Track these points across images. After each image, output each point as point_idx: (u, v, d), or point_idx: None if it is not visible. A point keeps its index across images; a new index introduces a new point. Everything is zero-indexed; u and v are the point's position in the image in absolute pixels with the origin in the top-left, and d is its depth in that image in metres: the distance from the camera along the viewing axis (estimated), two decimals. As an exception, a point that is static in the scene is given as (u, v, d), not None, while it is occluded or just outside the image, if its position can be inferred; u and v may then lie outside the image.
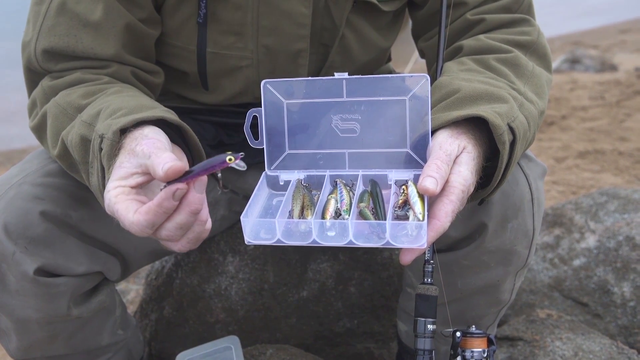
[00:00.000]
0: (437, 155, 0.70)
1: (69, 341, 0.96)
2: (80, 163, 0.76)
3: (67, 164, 0.82)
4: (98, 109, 0.76)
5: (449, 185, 0.70)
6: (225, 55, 0.95)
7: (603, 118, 3.43)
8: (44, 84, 0.86)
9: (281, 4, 0.90)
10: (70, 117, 0.79)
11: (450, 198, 0.69)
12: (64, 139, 0.78)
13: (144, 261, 1.05)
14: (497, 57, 0.87)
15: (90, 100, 0.81)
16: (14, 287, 0.86)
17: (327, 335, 1.32)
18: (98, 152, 0.70)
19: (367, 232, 0.69)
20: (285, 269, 1.29)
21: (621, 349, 1.22)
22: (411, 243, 0.67)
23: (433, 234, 0.68)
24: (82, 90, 0.83)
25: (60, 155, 0.81)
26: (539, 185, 0.94)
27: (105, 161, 0.69)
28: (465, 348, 0.83)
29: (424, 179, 0.68)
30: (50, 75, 0.87)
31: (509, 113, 0.75)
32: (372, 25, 1.01)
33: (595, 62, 4.72)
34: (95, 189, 0.73)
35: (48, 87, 0.86)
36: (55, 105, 0.82)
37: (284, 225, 0.71)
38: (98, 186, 0.71)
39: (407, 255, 0.69)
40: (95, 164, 0.72)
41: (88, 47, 0.86)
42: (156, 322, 1.35)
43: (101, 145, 0.69)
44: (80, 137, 0.75)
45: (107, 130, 0.69)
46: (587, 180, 2.59)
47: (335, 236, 0.69)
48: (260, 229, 0.72)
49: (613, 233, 1.47)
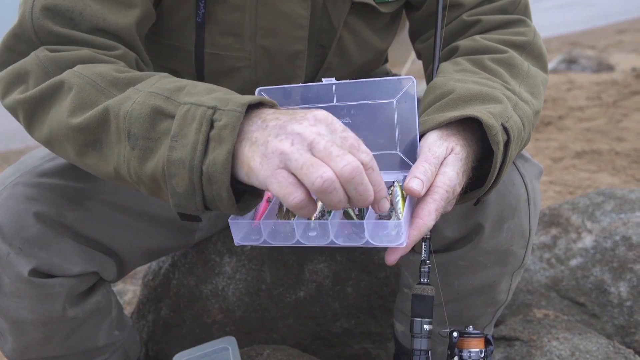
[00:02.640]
0: (425, 157, 0.71)
1: (64, 342, 0.96)
2: (139, 137, 0.66)
3: (91, 138, 0.70)
4: (177, 85, 0.69)
5: (433, 185, 0.71)
6: (223, 56, 0.95)
7: (600, 118, 3.44)
8: (41, 55, 0.75)
9: (279, 5, 0.90)
10: (101, 89, 0.70)
11: (434, 197, 0.70)
12: (109, 110, 0.68)
13: (140, 261, 1.05)
14: (492, 57, 0.87)
15: (132, 76, 0.72)
16: (8, 288, 0.86)
17: (324, 335, 1.32)
18: (207, 124, 0.62)
19: (348, 232, 0.70)
20: (282, 269, 1.29)
21: (618, 349, 1.23)
22: (390, 242, 0.68)
23: (416, 232, 0.69)
24: (112, 67, 0.74)
25: (86, 127, 0.69)
26: (535, 185, 0.94)
27: (227, 132, 0.61)
28: (463, 348, 0.83)
29: (410, 179, 0.68)
30: (47, 47, 0.76)
31: (503, 113, 0.75)
32: (369, 27, 1.01)
33: (592, 62, 4.73)
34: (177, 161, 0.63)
35: (48, 59, 0.74)
36: (78, 76, 0.72)
37: (269, 227, 0.72)
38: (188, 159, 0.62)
39: (391, 255, 0.70)
40: (189, 136, 0.63)
41: (97, 13, 0.76)
42: (153, 323, 1.35)
43: (213, 117, 0.63)
44: (152, 108, 0.66)
45: (226, 104, 0.63)
46: (584, 180, 2.60)
47: (316, 236, 0.70)
48: (248, 231, 0.73)
49: (610, 233, 1.47)
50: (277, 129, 0.62)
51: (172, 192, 0.65)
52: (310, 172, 0.58)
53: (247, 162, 0.62)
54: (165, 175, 0.64)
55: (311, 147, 0.60)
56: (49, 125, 0.73)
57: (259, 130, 0.63)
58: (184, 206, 0.65)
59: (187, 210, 0.66)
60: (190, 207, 0.65)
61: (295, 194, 0.59)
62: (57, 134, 0.73)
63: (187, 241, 1.15)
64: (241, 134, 0.63)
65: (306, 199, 0.60)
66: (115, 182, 0.74)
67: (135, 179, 0.68)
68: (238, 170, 0.63)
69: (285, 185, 0.59)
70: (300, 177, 0.59)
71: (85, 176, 0.90)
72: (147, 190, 0.69)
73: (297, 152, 0.59)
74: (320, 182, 0.58)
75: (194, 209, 0.65)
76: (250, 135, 0.63)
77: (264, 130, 0.62)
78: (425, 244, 0.79)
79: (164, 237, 1.05)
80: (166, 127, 0.65)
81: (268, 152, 0.60)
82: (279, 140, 0.61)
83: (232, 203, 0.64)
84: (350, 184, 0.59)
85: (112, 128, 0.68)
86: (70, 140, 0.71)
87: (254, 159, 0.61)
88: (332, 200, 0.60)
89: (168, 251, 1.13)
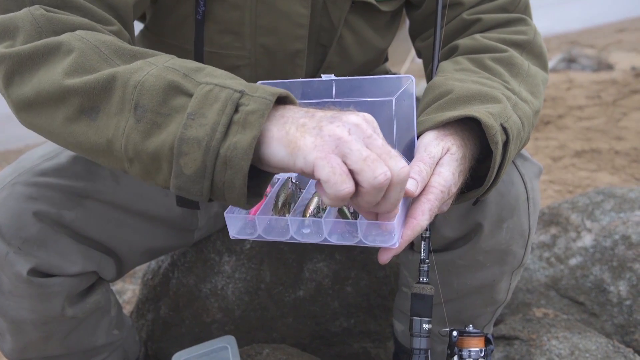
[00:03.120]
0: (420, 157, 0.71)
1: (64, 341, 0.96)
2: (148, 110, 0.62)
3: (88, 104, 0.65)
4: (196, 65, 0.66)
5: (428, 185, 0.70)
6: (222, 55, 0.95)
7: (599, 117, 3.44)
8: (35, 13, 0.69)
9: (279, 4, 0.90)
10: (105, 57, 0.66)
11: (428, 197, 0.70)
12: (117, 77, 0.64)
13: (139, 260, 1.05)
14: (492, 56, 0.87)
15: (138, 50, 0.68)
16: (7, 287, 0.86)
17: (324, 334, 1.32)
18: (232, 107, 0.60)
19: (342, 230, 0.70)
20: (281, 268, 1.29)
21: (617, 348, 1.23)
22: (383, 243, 0.68)
23: (409, 232, 0.69)
24: (114, 38, 0.70)
25: (85, 90, 0.65)
26: (534, 185, 0.94)
27: (255, 117, 0.59)
28: (462, 347, 0.83)
29: None
30: (43, 7, 0.70)
31: (502, 113, 0.75)
32: (370, 26, 1.01)
33: (592, 61, 4.73)
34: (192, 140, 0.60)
35: (44, 18, 0.69)
36: (80, 40, 0.67)
37: (264, 222, 0.72)
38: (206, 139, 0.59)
39: (384, 254, 0.69)
40: (209, 116, 0.60)
41: None
42: (152, 322, 1.35)
43: (240, 100, 0.60)
44: (169, 83, 0.62)
45: (254, 91, 0.61)
46: (584, 180, 2.60)
47: (310, 233, 0.70)
48: (243, 225, 0.73)
49: (609, 232, 1.47)
50: (331, 117, 0.60)
51: (177, 173, 0.61)
52: (375, 167, 0.56)
53: (294, 141, 0.58)
54: (172, 154, 0.60)
55: (367, 142, 0.58)
56: (36, 87, 0.67)
57: (306, 116, 0.60)
58: (187, 189, 0.61)
59: (190, 194, 0.62)
60: (194, 192, 0.61)
61: (347, 184, 0.57)
62: (46, 96, 0.66)
63: (186, 240, 1.15)
64: (282, 116, 0.61)
65: (353, 192, 0.57)
66: (97, 158, 0.68)
67: (132, 155, 0.63)
68: (272, 149, 0.60)
69: (340, 172, 0.56)
70: (361, 169, 0.57)
71: (85, 175, 0.90)
72: (140, 169, 0.64)
73: (356, 143, 0.57)
74: (383, 179, 0.56)
75: (198, 194, 0.61)
76: (295, 119, 0.60)
77: (312, 118, 0.60)
78: (425, 243, 0.79)
79: (163, 236, 1.05)
80: (180, 104, 0.61)
81: (324, 135, 0.58)
82: (335, 125, 0.58)
83: (243, 192, 0.60)
84: (397, 187, 0.59)
85: (116, 97, 0.64)
86: (64, 103, 0.66)
87: (304, 138, 0.58)
88: (376, 197, 0.58)
89: (167, 250, 1.13)
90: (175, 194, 0.63)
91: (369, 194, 0.58)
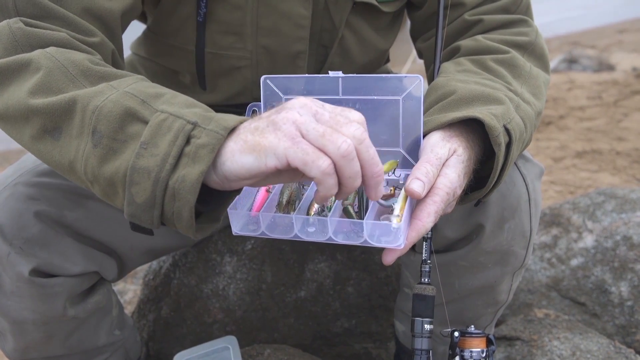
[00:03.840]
0: (427, 158, 0.71)
1: (65, 342, 0.96)
2: (105, 136, 0.63)
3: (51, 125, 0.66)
4: (155, 91, 0.66)
5: (434, 187, 0.70)
6: (223, 56, 0.95)
7: (601, 118, 3.44)
8: (14, 26, 0.70)
9: (280, 5, 0.90)
10: (71, 78, 0.67)
11: (434, 199, 0.69)
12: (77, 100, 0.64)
13: (141, 261, 1.05)
14: (495, 57, 0.87)
15: (106, 71, 0.68)
16: (9, 288, 0.86)
17: (325, 335, 1.32)
18: (184, 139, 0.60)
19: (347, 230, 0.70)
20: (282, 269, 1.29)
21: (619, 349, 1.22)
22: (389, 243, 0.68)
23: (414, 234, 0.69)
24: (86, 57, 0.70)
25: (48, 111, 0.65)
26: (536, 185, 0.94)
27: (205, 152, 0.59)
28: (464, 348, 0.83)
29: (412, 181, 0.68)
30: (22, 19, 0.71)
31: (505, 114, 0.75)
32: (371, 27, 1.01)
33: (593, 62, 4.73)
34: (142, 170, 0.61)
35: (21, 31, 0.70)
36: (50, 58, 0.68)
37: (268, 219, 0.72)
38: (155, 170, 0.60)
39: (389, 255, 0.69)
40: (161, 146, 0.60)
41: None
42: (154, 323, 1.35)
43: (192, 132, 0.60)
44: (125, 110, 0.63)
45: (208, 123, 0.61)
46: (585, 180, 2.59)
47: (315, 232, 0.70)
48: (247, 221, 0.73)
49: (610, 233, 1.47)
50: (275, 110, 0.60)
51: (129, 201, 0.62)
52: (335, 138, 0.57)
53: (256, 144, 0.58)
54: (125, 182, 0.61)
55: (317, 119, 0.59)
56: (5, 102, 0.69)
57: (254, 122, 0.61)
58: (139, 217, 0.62)
59: (142, 222, 0.63)
60: (145, 220, 0.62)
61: (323, 158, 0.57)
62: (14, 113, 0.68)
63: (187, 241, 1.15)
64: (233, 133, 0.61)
65: (333, 164, 0.57)
66: (65, 175, 0.69)
67: (91, 178, 0.65)
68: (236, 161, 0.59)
69: (312, 151, 0.56)
70: (323, 144, 0.57)
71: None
72: (100, 191, 0.66)
73: (310, 122, 0.58)
74: (346, 146, 0.56)
75: (149, 222, 0.63)
76: (246, 128, 0.60)
77: (259, 120, 0.60)
78: (426, 244, 0.79)
79: (164, 236, 1.05)
80: (136, 132, 0.62)
81: (279, 125, 0.58)
82: (285, 113, 0.58)
83: (191, 224, 0.61)
84: (362, 146, 0.58)
85: (76, 120, 0.65)
86: (28, 122, 0.67)
87: (265, 137, 0.58)
88: (352, 169, 0.58)
89: (168, 250, 1.13)
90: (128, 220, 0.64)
91: (344, 168, 0.58)
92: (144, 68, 1.08)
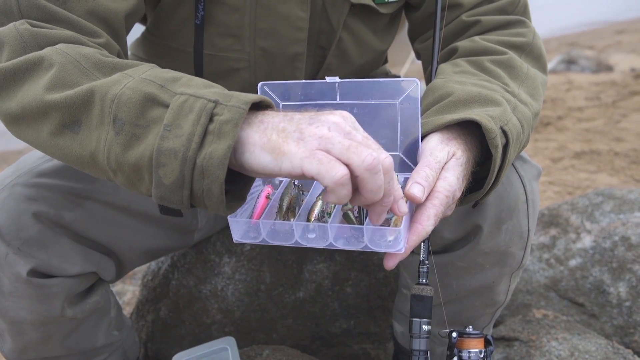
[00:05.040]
0: (426, 162, 0.71)
1: (63, 342, 0.96)
2: (126, 123, 0.63)
3: (69, 118, 0.66)
4: (172, 75, 0.66)
5: (434, 190, 0.70)
6: (221, 57, 0.95)
7: (599, 118, 3.44)
8: (20, 28, 0.71)
9: (279, 7, 0.90)
10: (85, 71, 0.67)
11: (434, 202, 0.70)
12: (95, 91, 0.65)
13: (139, 261, 1.05)
14: (492, 58, 0.87)
15: (118, 62, 0.69)
16: (7, 288, 0.86)
17: (324, 336, 1.32)
18: (207, 117, 0.61)
19: (347, 236, 0.70)
20: (281, 269, 1.29)
21: (617, 349, 1.23)
22: (389, 248, 0.68)
23: (415, 237, 0.69)
24: (96, 50, 0.70)
25: (66, 105, 0.66)
26: (533, 186, 0.94)
27: (230, 127, 0.60)
28: (462, 349, 0.83)
29: (412, 185, 0.68)
30: (28, 21, 0.72)
31: (502, 116, 0.75)
32: (369, 28, 1.01)
33: (591, 62, 4.74)
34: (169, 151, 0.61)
35: (28, 32, 0.70)
36: (61, 54, 0.68)
37: (268, 226, 0.72)
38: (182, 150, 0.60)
39: (390, 260, 0.69)
40: (185, 127, 0.61)
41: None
42: (152, 323, 1.35)
43: (214, 110, 0.61)
44: (145, 95, 0.63)
45: (228, 100, 0.61)
46: (583, 181, 2.60)
47: (315, 238, 0.70)
48: (247, 229, 0.73)
49: (609, 233, 1.48)
50: (308, 119, 0.61)
51: (157, 183, 0.62)
52: (360, 151, 0.57)
53: (277, 147, 0.59)
54: (152, 165, 0.62)
55: (347, 137, 0.59)
56: (20, 102, 0.69)
57: (285, 121, 0.61)
58: (168, 199, 0.63)
59: (171, 203, 0.63)
60: (175, 201, 0.62)
61: (338, 167, 0.57)
62: (30, 112, 0.68)
63: (186, 241, 1.15)
64: (262, 123, 0.61)
65: (349, 174, 0.58)
66: (85, 169, 0.69)
67: (115, 166, 0.65)
68: (255, 156, 0.61)
69: (327, 161, 0.57)
70: (348, 157, 0.58)
71: (84, 176, 0.90)
72: (124, 179, 0.65)
73: (338, 136, 0.58)
74: (371, 159, 0.57)
75: (179, 202, 0.63)
76: (275, 124, 0.61)
77: (291, 121, 0.61)
78: (424, 245, 0.80)
79: (163, 237, 1.05)
80: (157, 116, 0.63)
81: (305, 137, 0.59)
82: (315, 127, 0.59)
83: (221, 200, 0.61)
84: (387, 176, 0.60)
85: (96, 110, 0.65)
86: (47, 118, 0.67)
87: (287, 143, 0.59)
88: (376, 183, 0.58)
89: (167, 251, 1.13)
90: (157, 203, 0.65)
91: (366, 181, 0.58)
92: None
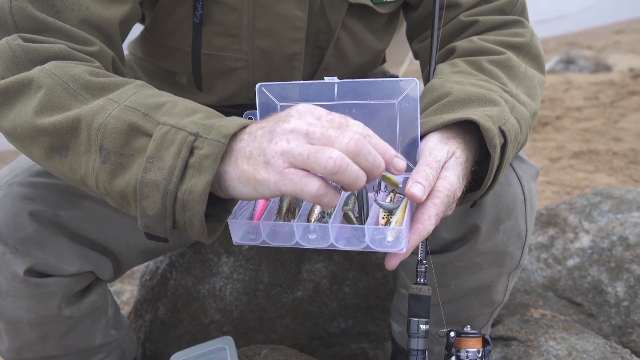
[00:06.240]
0: (426, 162, 0.71)
1: (60, 341, 0.96)
2: (112, 152, 0.64)
3: (58, 143, 0.68)
4: (155, 101, 0.67)
5: (434, 189, 0.70)
6: (220, 57, 0.95)
7: (597, 118, 3.44)
8: (13, 43, 0.71)
9: (277, 7, 0.90)
10: (72, 93, 0.68)
11: (435, 202, 0.69)
12: (81, 119, 0.66)
13: (137, 261, 1.05)
14: (490, 58, 0.87)
15: (105, 82, 0.70)
16: (4, 287, 0.86)
17: (322, 335, 1.32)
18: (187, 151, 0.62)
19: (348, 236, 0.70)
20: (279, 269, 1.29)
21: (615, 349, 1.23)
22: (391, 247, 0.68)
23: (416, 237, 0.69)
24: (86, 69, 0.71)
25: (54, 130, 0.67)
26: (531, 186, 0.94)
27: (209, 162, 0.61)
28: (460, 348, 0.83)
29: (412, 185, 0.68)
30: (20, 36, 0.73)
31: (500, 116, 0.75)
32: (367, 28, 1.01)
33: (590, 62, 4.74)
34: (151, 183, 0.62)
35: (20, 48, 0.71)
36: (49, 75, 0.69)
37: (268, 227, 0.71)
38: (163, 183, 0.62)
39: (392, 260, 0.69)
40: (167, 159, 0.62)
41: (81, 1, 0.75)
42: (150, 323, 1.35)
43: (194, 143, 0.62)
44: (129, 125, 0.64)
45: (208, 132, 0.62)
46: (582, 181, 2.60)
47: (316, 239, 0.70)
48: (247, 230, 0.73)
49: (607, 233, 1.48)
50: (268, 135, 0.61)
51: (141, 213, 0.64)
52: (319, 158, 0.58)
53: (253, 177, 0.61)
54: (136, 195, 0.63)
55: (308, 139, 0.60)
56: (12, 123, 0.71)
57: (250, 143, 0.62)
58: (152, 228, 0.65)
59: (156, 232, 0.66)
60: (158, 230, 0.65)
61: (311, 182, 0.59)
62: (21, 133, 0.70)
63: (184, 241, 1.15)
64: (232, 152, 0.63)
65: (324, 184, 0.59)
66: (81, 188, 0.72)
67: (103, 192, 0.67)
68: (236, 188, 0.63)
69: (299, 179, 0.59)
70: (311, 167, 0.59)
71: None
72: (114, 203, 0.68)
73: (297, 147, 0.59)
74: (332, 162, 0.58)
75: (162, 231, 0.65)
76: (243, 151, 0.62)
77: (254, 141, 0.62)
78: (422, 245, 0.79)
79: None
80: (141, 145, 0.64)
81: (269, 158, 0.60)
82: (274, 143, 0.60)
83: (203, 231, 0.64)
84: (360, 157, 0.60)
85: (83, 138, 0.66)
86: (36, 141, 0.69)
87: (257, 171, 0.61)
88: (350, 177, 0.59)
89: (165, 251, 1.13)
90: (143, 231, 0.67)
91: (338, 177, 0.59)
92: (140, 68, 1.08)
